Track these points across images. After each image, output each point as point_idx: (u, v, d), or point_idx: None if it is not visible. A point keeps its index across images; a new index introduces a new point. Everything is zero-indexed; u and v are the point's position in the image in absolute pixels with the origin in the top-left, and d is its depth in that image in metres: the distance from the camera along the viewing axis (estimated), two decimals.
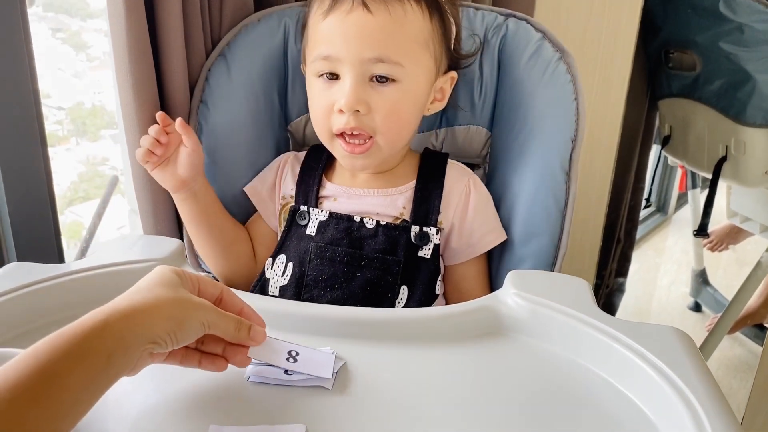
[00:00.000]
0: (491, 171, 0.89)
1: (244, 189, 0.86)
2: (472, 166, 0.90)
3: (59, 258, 0.93)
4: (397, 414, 0.53)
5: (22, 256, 0.86)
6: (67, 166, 1.36)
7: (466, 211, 0.81)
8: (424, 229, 0.78)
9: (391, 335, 0.62)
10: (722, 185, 1.62)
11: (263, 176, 0.86)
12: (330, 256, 0.77)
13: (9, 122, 0.80)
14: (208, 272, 0.86)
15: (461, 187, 0.82)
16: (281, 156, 0.88)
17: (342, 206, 0.80)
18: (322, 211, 0.80)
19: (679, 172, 2.80)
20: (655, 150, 1.91)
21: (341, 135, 0.76)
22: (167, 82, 0.82)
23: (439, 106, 0.82)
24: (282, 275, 0.79)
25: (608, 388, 0.57)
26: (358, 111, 0.72)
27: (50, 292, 0.62)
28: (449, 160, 0.84)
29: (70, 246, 1.24)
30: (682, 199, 2.93)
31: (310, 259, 0.77)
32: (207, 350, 0.56)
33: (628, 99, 1.37)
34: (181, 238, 0.85)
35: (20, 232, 0.85)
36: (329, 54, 0.72)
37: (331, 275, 0.76)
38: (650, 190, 2.90)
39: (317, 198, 0.82)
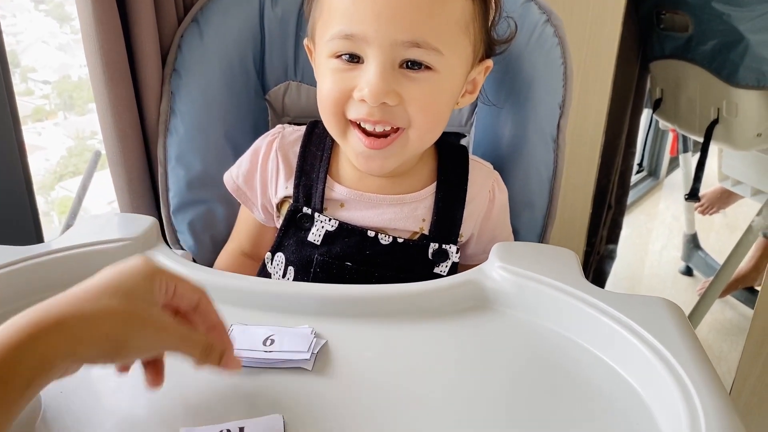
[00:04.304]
0: (477, 140, 0.87)
1: (223, 179, 0.77)
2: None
3: (38, 239, 0.91)
4: (381, 393, 0.52)
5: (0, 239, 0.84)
6: (55, 140, 1.33)
7: (489, 219, 0.76)
8: (444, 246, 0.71)
9: (374, 312, 0.61)
10: (714, 149, 1.60)
11: (241, 165, 0.76)
12: (338, 272, 0.70)
13: None
14: (184, 249, 0.83)
15: (485, 193, 0.75)
16: (262, 140, 0.76)
17: (353, 216, 0.71)
18: (330, 219, 0.70)
19: (671, 136, 2.78)
20: (646, 114, 1.88)
21: (358, 125, 0.65)
22: (138, 51, 0.78)
23: (470, 99, 0.72)
24: (283, 276, 0.73)
25: (595, 361, 0.56)
26: (385, 103, 0.62)
27: (17, 275, 0.60)
28: (471, 158, 0.75)
29: (62, 222, 1.23)
30: (673, 163, 2.91)
31: (315, 272, 0.70)
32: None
33: (618, 61, 1.34)
34: (159, 216, 0.82)
35: None
36: (353, 32, 0.60)
37: None
38: (642, 154, 2.89)
39: (322, 200, 0.72)
